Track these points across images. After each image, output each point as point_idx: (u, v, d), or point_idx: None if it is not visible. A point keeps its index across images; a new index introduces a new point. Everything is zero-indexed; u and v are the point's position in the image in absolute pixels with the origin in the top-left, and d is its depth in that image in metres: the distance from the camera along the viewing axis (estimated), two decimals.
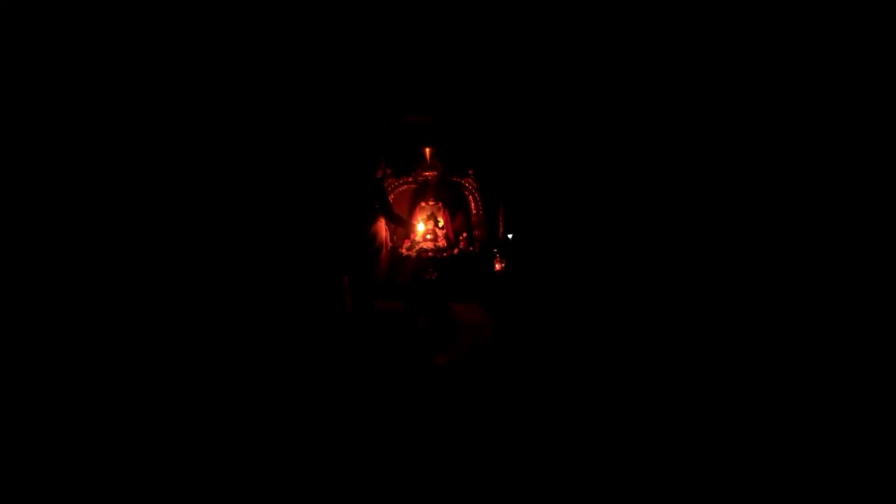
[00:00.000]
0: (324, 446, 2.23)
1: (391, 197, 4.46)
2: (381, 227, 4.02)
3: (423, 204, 4.47)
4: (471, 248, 4.43)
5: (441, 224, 4.45)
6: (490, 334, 3.66)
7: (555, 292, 3.38)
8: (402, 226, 4.22)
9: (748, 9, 2.27)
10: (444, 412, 2.57)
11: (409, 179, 4.55)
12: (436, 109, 4.00)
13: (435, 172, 4.48)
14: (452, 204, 4.62)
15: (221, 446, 2.18)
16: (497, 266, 4.22)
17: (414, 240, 4.39)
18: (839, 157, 2.01)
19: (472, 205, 4.65)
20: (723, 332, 2.38)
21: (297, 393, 2.64)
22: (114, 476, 1.93)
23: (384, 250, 3.97)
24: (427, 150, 4.37)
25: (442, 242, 4.36)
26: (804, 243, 2.09)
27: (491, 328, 3.76)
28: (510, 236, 3.95)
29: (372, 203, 3.98)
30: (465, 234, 4.52)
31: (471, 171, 4.61)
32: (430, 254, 4.22)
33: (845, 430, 1.89)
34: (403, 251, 4.28)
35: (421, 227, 4.43)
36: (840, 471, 1.83)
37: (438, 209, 4.49)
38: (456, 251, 4.35)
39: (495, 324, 3.80)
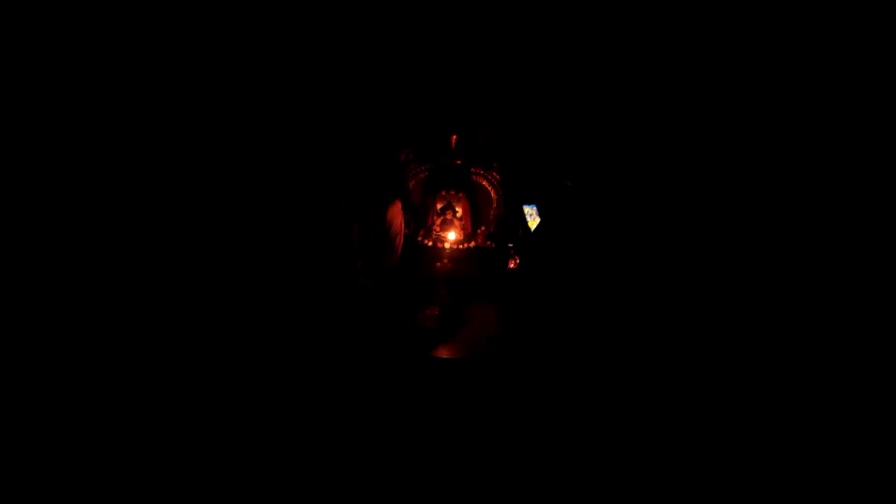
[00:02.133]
0: (328, 438, 2.21)
1: (411, 183, 4.37)
2: (398, 212, 3.94)
3: (443, 193, 4.36)
4: (488, 243, 4.33)
5: (460, 215, 4.35)
6: (501, 331, 3.59)
7: (569, 293, 3.30)
8: (412, 213, 4.02)
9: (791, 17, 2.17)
10: (448, 408, 2.54)
11: (432, 166, 4.44)
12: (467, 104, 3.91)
13: (459, 161, 4.37)
14: (473, 195, 4.51)
15: (225, 435, 2.16)
16: (511, 263, 4.12)
17: (431, 228, 4.30)
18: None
19: (494, 198, 4.53)
20: (743, 340, 2.34)
21: (305, 380, 2.60)
22: (110, 474, 1.90)
23: (399, 237, 3.89)
24: (453, 137, 4.25)
25: (459, 233, 4.26)
26: (838, 255, 2.06)
27: (502, 325, 3.68)
28: (529, 216, 3.82)
29: (392, 187, 3.89)
30: (483, 228, 4.41)
31: (495, 164, 4.49)
32: (446, 244, 4.12)
33: (845, 431, 1.89)
34: (419, 240, 4.19)
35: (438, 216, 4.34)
36: (840, 471, 1.83)
37: (458, 199, 4.38)
38: (473, 244, 4.25)
39: (505, 321, 3.73)
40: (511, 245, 4.14)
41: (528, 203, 3.95)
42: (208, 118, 2.61)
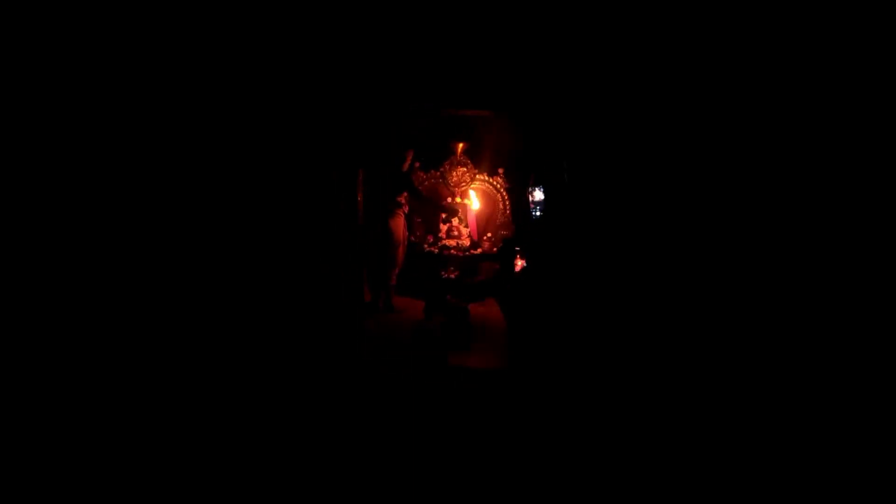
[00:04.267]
0: (334, 445, 2.22)
1: (420, 189, 4.39)
2: (401, 222, 3.96)
3: (448, 200, 4.38)
4: (494, 249, 4.33)
5: (465, 222, 4.36)
6: (508, 338, 3.58)
7: (575, 296, 3.27)
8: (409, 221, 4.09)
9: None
10: (456, 414, 2.54)
11: (438, 174, 4.46)
12: (468, 103, 3.89)
13: (464, 169, 4.38)
14: (479, 202, 4.52)
15: (226, 440, 2.19)
16: (517, 265, 4.11)
17: (437, 236, 4.31)
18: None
19: (500, 204, 4.54)
20: (754, 344, 2.30)
21: (311, 387, 2.62)
22: (118, 476, 1.93)
23: (402, 246, 3.91)
24: (458, 145, 4.27)
25: (465, 241, 4.27)
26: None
27: (509, 331, 3.67)
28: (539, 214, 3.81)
29: (395, 197, 3.91)
30: (489, 234, 4.42)
31: (500, 171, 4.49)
32: (452, 251, 4.14)
33: (845, 431, 1.86)
34: (425, 247, 4.21)
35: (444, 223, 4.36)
36: (840, 471, 1.80)
37: (465, 207, 4.40)
38: (479, 251, 4.26)
39: (511, 325, 3.71)
40: (518, 249, 4.14)
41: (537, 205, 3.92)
42: (208, 118, 2.65)
